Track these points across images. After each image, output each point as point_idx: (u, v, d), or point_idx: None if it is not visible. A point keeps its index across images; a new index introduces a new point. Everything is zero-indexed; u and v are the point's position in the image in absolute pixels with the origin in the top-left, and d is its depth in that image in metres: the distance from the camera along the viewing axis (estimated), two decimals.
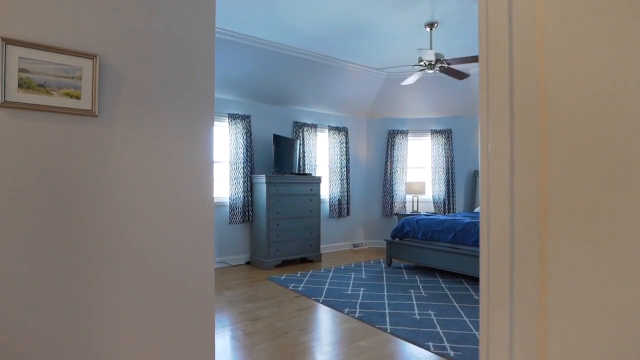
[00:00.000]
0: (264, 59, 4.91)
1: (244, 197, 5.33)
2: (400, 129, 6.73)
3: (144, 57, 1.67)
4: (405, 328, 3.00)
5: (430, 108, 6.53)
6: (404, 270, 4.97)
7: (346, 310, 3.43)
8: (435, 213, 6.40)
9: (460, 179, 6.63)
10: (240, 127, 5.34)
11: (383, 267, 5.20)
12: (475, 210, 6.03)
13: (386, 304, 3.59)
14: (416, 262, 4.88)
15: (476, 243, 4.26)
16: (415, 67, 4.25)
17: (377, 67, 5.69)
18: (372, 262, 5.54)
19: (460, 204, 6.62)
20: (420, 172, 6.90)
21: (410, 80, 4.60)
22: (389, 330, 2.96)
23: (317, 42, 4.77)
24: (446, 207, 6.51)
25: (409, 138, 6.83)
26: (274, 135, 5.26)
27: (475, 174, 6.44)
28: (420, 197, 6.65)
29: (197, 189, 1.82)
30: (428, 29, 4.23)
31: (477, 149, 6.60)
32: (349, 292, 3.96)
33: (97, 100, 1.54)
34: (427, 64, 4.15)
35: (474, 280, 4.44)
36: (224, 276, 4.71)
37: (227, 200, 5.32)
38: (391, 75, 5.95)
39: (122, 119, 1.61)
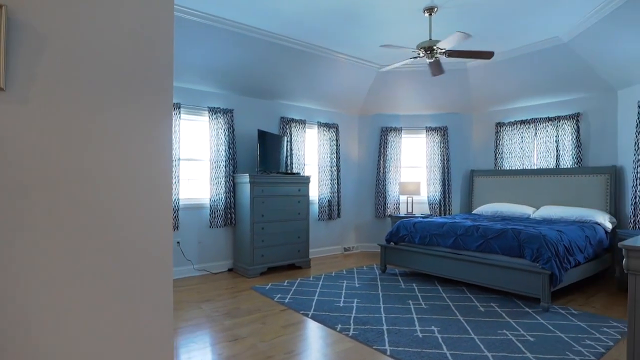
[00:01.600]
0: (248, 47, 4.49)
1: (226, 198, 4.89)
2: (393, 126, 6.37)
3: (76, 16, 1.24)
4: (407, 349, 2.61)
5: (425, 104, 6.18)
6: (399, 278, 4.59)
7: (339, 326, 3.03)
8: (431, 215, 6.05)
9: (456, 179, 6.29)
10: (222, 122, 4.90)
11: (377, 273, 4.81)
12: (473, 212, 5.70)
13: (383, 319, 3.20)
14: (413, 268, 4.51)
15: (480, 248, 3.90)
16: (413, 52, 3.88)
17: (370, 58, 5.31)
18: (364, 268, 5.15)
19: (456, 205, 6.28)
20: (414, 172, 6.55)
21: (393, 66, 4.20)
22: (388, 352, 2.57)
23: (306, 29, 4.37)
24: (442, 209, 6.17)
25: (403, 136, 6.47)
26: (258, 131, 4.83)
27: (472, 173, 6.12)
28: (415, 198, 6.30)
29: (149, 189, 1.40)
30: (427, 14, 3.86)
31: (474, 148, 6.27)
32: (342, 305, 3.57)
33: (4, 68, 1.11)
34: (426, 51, 3.77)
35: (477, 288, 4.09)
36: (202, 285, 4.27)
37: (207, 202, 4.88)
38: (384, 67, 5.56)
39: (42, 96, 1.18)
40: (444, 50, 3.69)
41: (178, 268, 4.61)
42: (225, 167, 4.88)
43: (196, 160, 4.90)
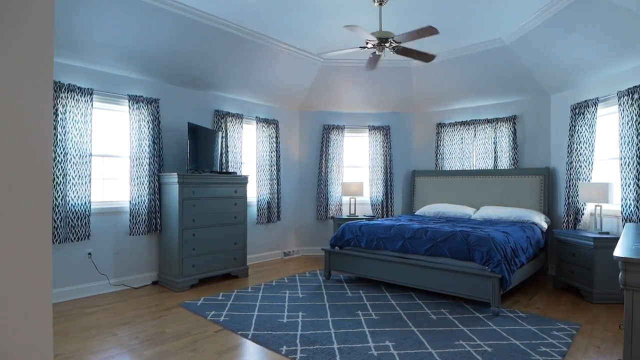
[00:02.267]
0: (178, 28, 3.90)
1: (149, 200, 4.25)
2: (336, 124, 6.11)
3: None
4: None
5: (369, 102, 6.01)
6: (345, 285, 4.31)
7: (284, 348, 2.64)
8: (374, 216, 5.88)
9: (398, 179, 6.20)
10: (146, 113, 4.25)
11: (321, 280, 4.49)
12: (416, 213, 5.63)
13: (333, 335, 2.87)
14: (359, 274, 4.26)
15: (428, 251, 3.75)
16: (363, 49, 3.61)
17: (314, 50, 4.98)
18: (307, 274, 4.81)
19: (398, 206, 6.19)
20: (357, 172, 6.35)
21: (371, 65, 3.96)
22: None
23: (245, 13, 3.90)
24: (384, 210, 6.04)
25: (346, 134, 6.24)
26: (189, 124, 4.26)
27: (414, 173, 6.06)
28: (358, 199, 6.10)
29: (13, 189, 0.93)
30: (377, 4, 3.61)
31: (415, 148, 6.22)
32: (285, 320, 3.18)
33: None
34: (376, 44, 3.52)
35: (425, 293, 3.94)
36: (120, 304, 3.62)
37: (127, 205, 4.20)
38: (328, 62, 5.28)
39: None
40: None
41: (88, 284, 3.89)
42: (149, 165, 4.24)
43: (113, 156, 4.19)
